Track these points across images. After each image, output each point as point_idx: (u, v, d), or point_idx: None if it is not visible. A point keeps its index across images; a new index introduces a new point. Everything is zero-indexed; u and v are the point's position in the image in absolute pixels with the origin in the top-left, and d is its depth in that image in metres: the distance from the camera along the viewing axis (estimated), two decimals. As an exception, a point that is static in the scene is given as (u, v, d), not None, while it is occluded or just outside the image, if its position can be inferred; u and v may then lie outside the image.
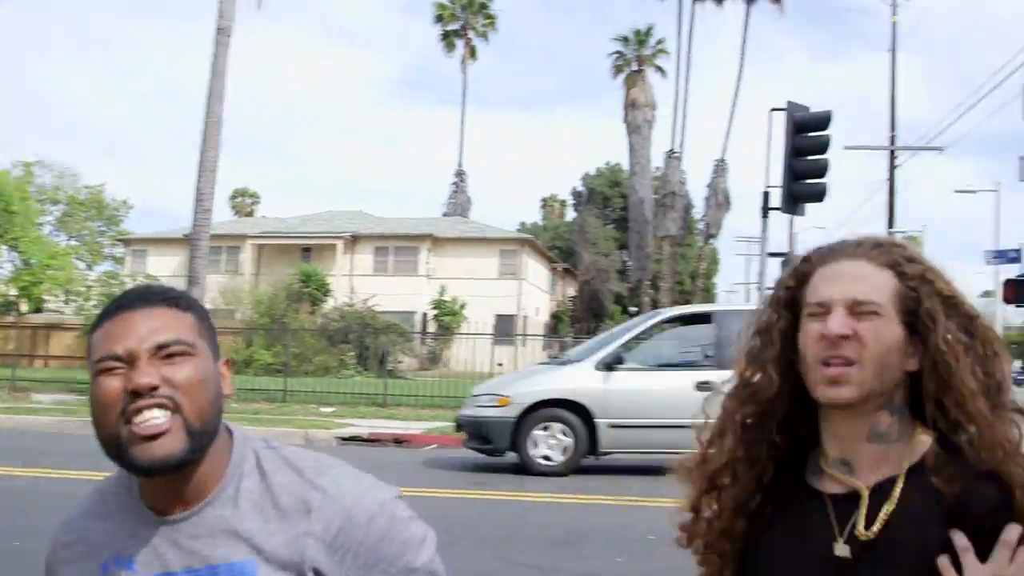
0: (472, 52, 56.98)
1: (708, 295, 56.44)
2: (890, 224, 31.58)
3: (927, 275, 1.60)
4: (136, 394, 1.54)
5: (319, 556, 1.64)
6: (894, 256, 1.63)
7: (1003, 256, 21.48)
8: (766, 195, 16.04)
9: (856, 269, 1.62)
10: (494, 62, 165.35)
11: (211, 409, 1.62)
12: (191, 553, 1.62)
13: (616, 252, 62.55)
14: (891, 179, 31.27)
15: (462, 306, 43.99)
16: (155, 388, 1.55)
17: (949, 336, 1.57)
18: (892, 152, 31.26)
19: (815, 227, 57.17)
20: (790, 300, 1.70)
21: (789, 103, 15.11)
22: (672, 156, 48.04)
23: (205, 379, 1.63)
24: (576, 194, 72.80)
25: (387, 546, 1.67)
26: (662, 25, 53.83)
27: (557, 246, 64.55)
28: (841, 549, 1.58)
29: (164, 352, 1.59)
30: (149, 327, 1.60)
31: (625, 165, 55.48)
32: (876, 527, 1.55)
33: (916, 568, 1.52)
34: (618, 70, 51.35)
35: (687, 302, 44.39)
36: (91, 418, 1.61)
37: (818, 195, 14.85)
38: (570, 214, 75.52)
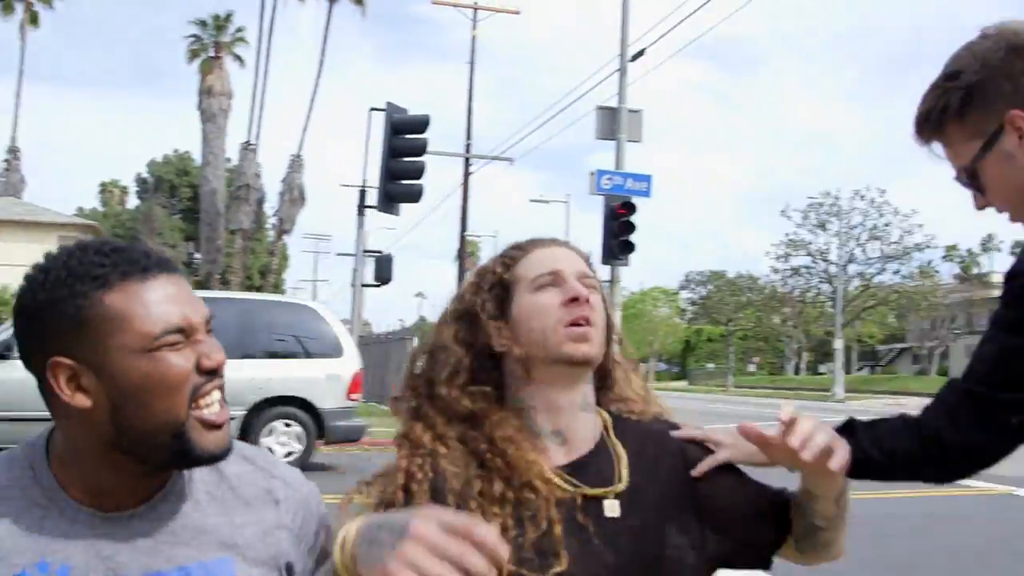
0: (33, 19, 52.15)
1: (278, 291, 55.92)
2: (463, 228, 32.96)
3: (598, 284, 1.77)
4: (211, 373, 1.39)
5: (290, 549, 1.54)
6: (581, 249, 1.80)
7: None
8: (362, 193, 16.10)
9: (570, 252, 1.76)
10: (57, 33, 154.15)
11: None
12: (153, 554, 1.41)
13: (183, 244, 60.44)
14: (465, 185, 32.59)
15: (13, 296, 40.34)
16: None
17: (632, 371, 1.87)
18: (467, 159, 32.60)
19: (385, 228, 58.53)
20: (496, 284, 1.75)
21: (388, 104, 15.26)
22: (248, 148, 46.96)
23: None
24: (141, 181, 69.40)
25: (327, 535, 1.60)
26: (243, 13, 52.62)
27: (119, 234, 61.11)
28: (611, 509, 1.64)
29: (209, 325, 1.44)
30: (194, 297, 1.43)
31: (196, 154, 53.66)
32: (625, 480, 1.66)
33: (659, 508, 1.68)
34: (194, 55, 49.28)
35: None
36: (135, 403, 1.36)
37: (414, 196, 15.13)
38: (132, 201, 71.93)
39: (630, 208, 21.08)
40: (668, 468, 1.74)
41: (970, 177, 1.82)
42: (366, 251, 17.03)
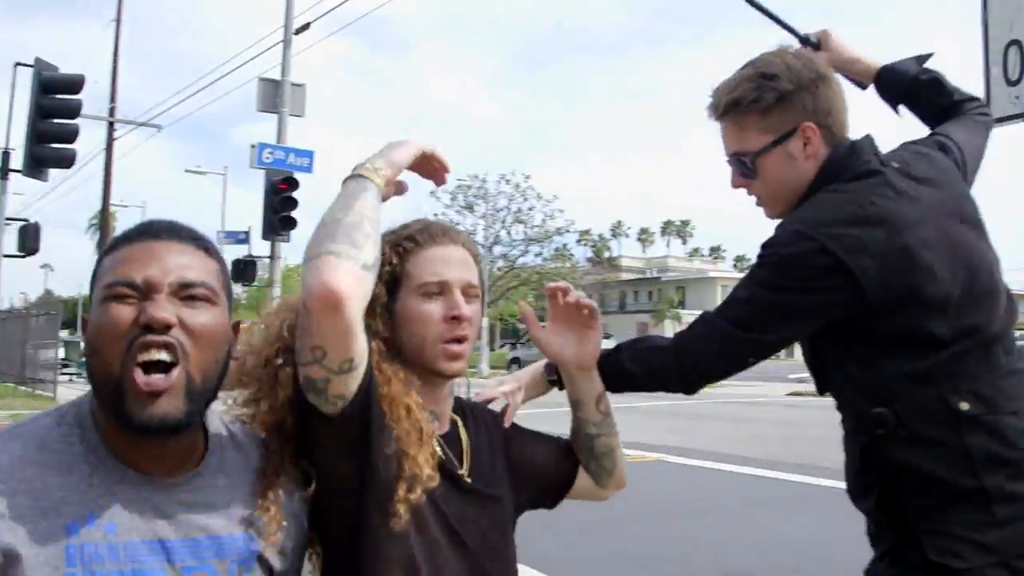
0: None
1: None
2: (106, 196, 31.11)
3: (481, 291, 1.98)
4: (148, 328, 1.43)
5: (292, 532, 1.67)
6: (471, 244, 2.00)
7: (233, 236, 22.43)
8: (5, 155, 14.79)
9: (461, 254, 1.92)
10: None
11: (215, 368, 1.52)
12: (188, 523, 1.52)
13: None
14: (109, 151, 30.72)
15: None
16: (170, 327, 1.44)
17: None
18: (111, 124, 30.69)
19: (13, 193, 54.14)
20: (390, 276, 1.87)
21: (37, 60, 14.10)
22: None
23: (219, 332, 1.52)
24: None
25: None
26: None
27: None
28: (467, 480, 1.91)
29: (187, 292, 1.49)
30: (176, 261, 1.50)
31: None
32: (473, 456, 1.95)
33: (496, 480, 1.98)
34: None
35: None
36: (88, 351, 1.47)
37: (66, 161, 14.08)
38: None
39: (292, 184, 20.80)
40: (494, 437, 2.05)
41: (750, 162, 2.22)
42: (8, 219, 15.65)
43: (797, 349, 2.31)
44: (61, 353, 27.95)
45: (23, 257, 15.63)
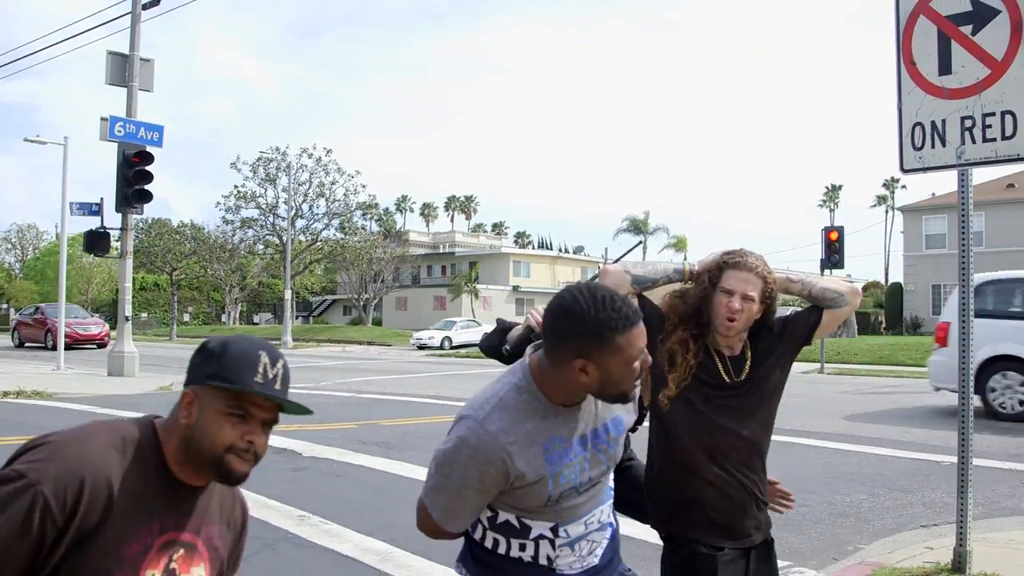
0: None
1: None
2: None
3: (772, 282, 3.21)
4: None
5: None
6: (764, 271, 3.20)
7: (86, 208, 22.36)
8: None
9: (748, 277, 3.18)
10: None
11: None
12: (594, 419, 2.54)
13: None
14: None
15: None
16: None
17: (776, 305, 3.32)
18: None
19: None
20: (712, 280, 3.21)
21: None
22: None
23: None
24: None
25: None
26: None
27: None
28: (734, 380, 3.21)
29: None
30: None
31: None
32: (749, 370, 3.24)
33: (770, 380, 3.28)
34: None
35: None
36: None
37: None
38: None
39: (146, 157, 21.09)
40: (773, 352, 3.28)
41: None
42: None
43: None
44: None
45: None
